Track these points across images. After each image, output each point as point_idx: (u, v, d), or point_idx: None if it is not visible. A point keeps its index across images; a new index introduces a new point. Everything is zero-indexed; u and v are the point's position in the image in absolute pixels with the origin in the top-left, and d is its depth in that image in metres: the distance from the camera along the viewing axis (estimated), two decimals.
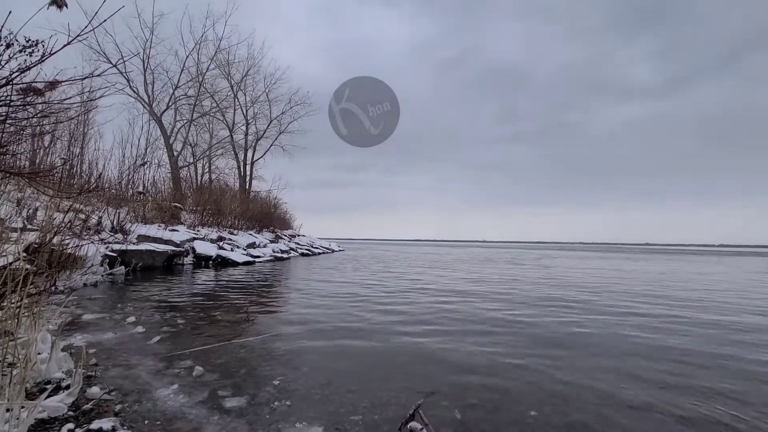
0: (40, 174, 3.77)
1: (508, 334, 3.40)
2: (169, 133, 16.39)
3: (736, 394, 2.13)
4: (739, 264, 16.58)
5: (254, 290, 5.91)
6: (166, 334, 3.10)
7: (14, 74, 2.09)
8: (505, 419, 1.79)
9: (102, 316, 3.70)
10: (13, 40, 2.11)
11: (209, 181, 20.01)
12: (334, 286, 6.55)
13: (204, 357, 2.56)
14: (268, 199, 21.62)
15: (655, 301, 5.45)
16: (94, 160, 12.09)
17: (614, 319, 4.14)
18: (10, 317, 1.91)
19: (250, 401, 1.90)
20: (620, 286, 7.29)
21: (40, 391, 1.85)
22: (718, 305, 5.18)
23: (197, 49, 16.79)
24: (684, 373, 2.47)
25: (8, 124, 2.42)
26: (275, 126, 21.31)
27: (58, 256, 5.02)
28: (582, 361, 2.69)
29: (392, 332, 3.41)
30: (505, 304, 5.02)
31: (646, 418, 1.82)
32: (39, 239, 4.63)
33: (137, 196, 12.18)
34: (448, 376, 2.34)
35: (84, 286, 5.60)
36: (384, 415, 1.80)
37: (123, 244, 8.21)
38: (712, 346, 3.12)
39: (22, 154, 8.71)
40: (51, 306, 3.53)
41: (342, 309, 4.47)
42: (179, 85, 16.52)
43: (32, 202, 7.02)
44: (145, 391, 1.96)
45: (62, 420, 1.62)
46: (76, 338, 2.86)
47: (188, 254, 10.29)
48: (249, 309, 4.26)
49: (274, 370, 2.37)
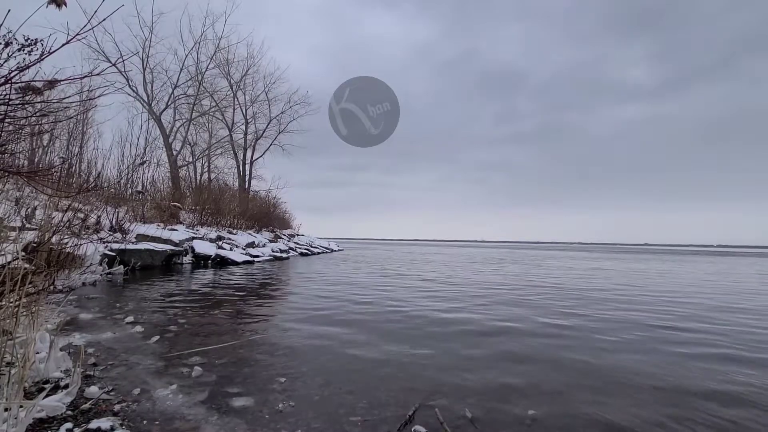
0: (39, 173, 3.76)
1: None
2: (169, 133, 16.34)
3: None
4: (730, 263, 16.64)
5: (253, 290, 5.90)
6: (165, 334, 3.09)
7: (13, 73, 2.08)
8: (506, 419, 1.80)
9: (101, 315, 3.70)
10: (12, 38, 2.10)
11: (208, 180, 19.97)
12: (333, 286, 6.55)
13: (203, 357, 2.55)
14: (267, 198, 21.61)
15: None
16: (93, 159, 12.06)
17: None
18: (9, 316, 1.91)
19: (249, 401, 1.89)
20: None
21: (38, 390, 1.84)
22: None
23: (197, 49, 16.74)
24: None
25: (7, 123, 2.42)
26: (275, 125, 21.29)
27: (56, 256, 5.01)
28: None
29: (392, 332, 3.41)
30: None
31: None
32: (38, 238, 4.62)
33: (136, 196, 12.16)
34: (446, 379, 2.34)
35: (83, 286, 5.59)
36: (382, 415, 1.80)
37: (122, 244, 8.20)
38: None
39: (21, 152, 8.69)
40: (49, 305, 3.53)
41: (341, 309, 4.47)
42: (178, 85, 16.47)
43: (31, 201, 7.00)
44: (144, 391, 1.95)
45: (61, 419, 1.62)
46: (75, 338, 2.85)
47: (187, 254, 10.27)
48: (248, 309, 4.26)
49: (274, 370, 2.36)
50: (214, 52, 17.25)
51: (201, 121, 18.79)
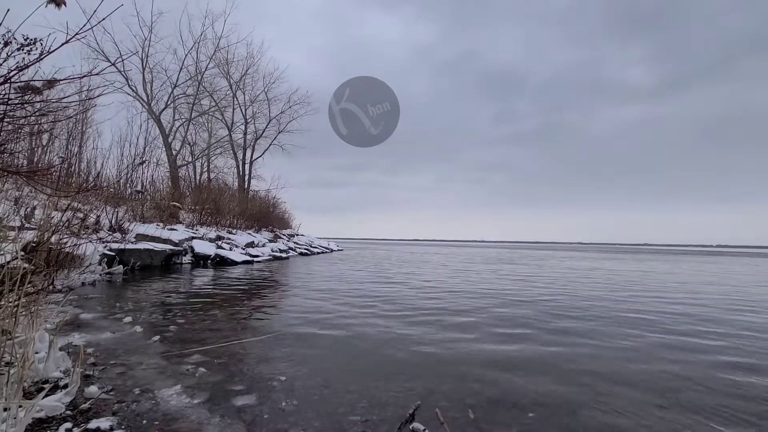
0: (38, 172, 3.76)
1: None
2: (168, 132, 16.32)
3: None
4: (727, 263, 16.66)
5: (253, 289, 5.90)
6: (164, 334, 3.09)
7: (12, 72, 2.08)
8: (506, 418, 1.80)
9: (100, 315, 3.69)
10: (11, 38, 2.09)
11: (208, 180, 19.96)
12: (332, 286, 6.55)
13: (203, 357, 2.55)
14: (267, 198, 21.60)
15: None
16: (92, 158, 12.04)
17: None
18: (8, 316, 1.90)
19: (249, 401, 1.89)
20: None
21: (37, 390, 1.84)
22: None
23: (196, 48, 16.72)
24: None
25: (6, 123, 2.41)
26: (274, 125, 21.28)
27: (56, 255, 5.00)
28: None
29: (391, 333, 3.41)
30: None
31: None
32: (37, 238, 4.61)
33: (136, 195, 12.14)
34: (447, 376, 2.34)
35: (82, 285, 5.58)
36: (382, 414, 1.80)
37: (121, 243, 8.19)
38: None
39: (20, 152, 8.68)
40: (49, 305, 3.52)
41: (340, 309, 4.47)
42: (178, 84, 16.46)
43: (30, 200, 6.99)
44: (143, 391, 1.95)
45: (60, 419, 1.61)
46: (74, 337, 2.85)
47: (187, 253, 10.26)
48: (247, 309, 4.26)
49: (274, 370, 2.36)
50: (213, 52, 17.26)
51: (200, 120, 18.79)
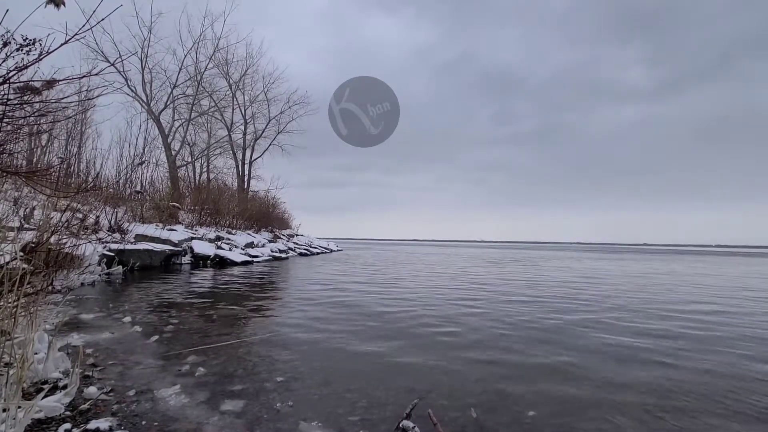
0: (38, 173, 3.75)
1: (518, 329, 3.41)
2: (167, 133, 16.31)
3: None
4: (726, 263, 16.68)
5: (252, 290, 5.90)
6: (163, 334, 3.09)
7: (11, 73, 2.08)
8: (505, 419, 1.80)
9: (99, 315, 3.69)
10: (11, 38, 2.10)
11: (207, 180, 19.94)
12: (331, 286, 6.55)
13: (202, 357, 2.55)
14: (266, 198, 21.56)
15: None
16: (91, 159, 12.04)
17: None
18: (7, 317, 1.90)
19: (249, 402, 1.89)
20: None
21: (36, 391, 1.84)
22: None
23: (196, 48, 16.71)
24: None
25: (5, 123, 2.41)
26: (274, 125, 21.25)
27: (55, 256, 5.00)
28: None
29: (390, 333, 3.41)
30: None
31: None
32: (36, 238, 4.61)
33: (135, 196, 12.14)
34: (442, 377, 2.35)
35: (81, 286, 5.58)
36: (381, 414, 1.80)
37: (120, 244, 8.18)
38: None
39: (19, 152, 8.67)
40: (48, 306, 3.52)
41: (339, 309, 4.47)
42: (177, 84, 16.45)
43: (29, 201, 6.99)
44: (143, 391, 1.95)
45: (59, 420, 1.61)
46: (74, 338, 2.85)
47: (186, 254, 10.25)
48: (246, 308, 4.26)
49: (273, 369, 2.36)
50: (213, 52, 17.25)
51: (200, 121, 18.78)
